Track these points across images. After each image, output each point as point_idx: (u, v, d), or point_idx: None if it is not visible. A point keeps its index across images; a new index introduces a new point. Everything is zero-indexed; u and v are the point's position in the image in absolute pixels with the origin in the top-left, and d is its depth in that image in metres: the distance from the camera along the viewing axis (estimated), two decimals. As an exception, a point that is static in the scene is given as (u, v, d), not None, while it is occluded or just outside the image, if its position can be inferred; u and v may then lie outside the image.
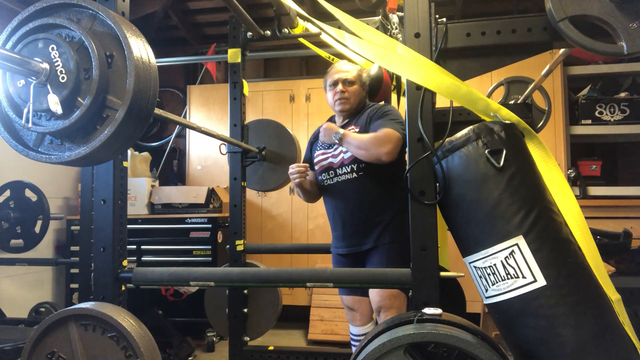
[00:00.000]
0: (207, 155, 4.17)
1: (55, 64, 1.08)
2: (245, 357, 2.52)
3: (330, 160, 2.09)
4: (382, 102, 2.11)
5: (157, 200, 3.68)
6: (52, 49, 1.08)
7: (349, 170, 2.04)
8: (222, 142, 2.50)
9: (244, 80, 2.55)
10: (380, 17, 2.09)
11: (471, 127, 1.38)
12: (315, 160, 2.16)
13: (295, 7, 2.16)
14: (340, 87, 2.06)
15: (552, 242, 1.26)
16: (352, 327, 2.12)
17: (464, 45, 1.46)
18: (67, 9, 1.13)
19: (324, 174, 2.10)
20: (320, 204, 2.22)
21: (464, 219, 1.36)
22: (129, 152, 3.77)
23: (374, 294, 1.95)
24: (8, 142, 1.15)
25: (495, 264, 1.29)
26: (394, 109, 2.04)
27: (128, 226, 1.60)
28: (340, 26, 1.85)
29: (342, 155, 2.05)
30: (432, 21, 1.43)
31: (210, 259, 3.45)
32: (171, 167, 4.51)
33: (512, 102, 2.47)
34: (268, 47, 4.31)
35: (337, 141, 1.94)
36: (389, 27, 2.03)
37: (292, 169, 2.04)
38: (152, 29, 4.22)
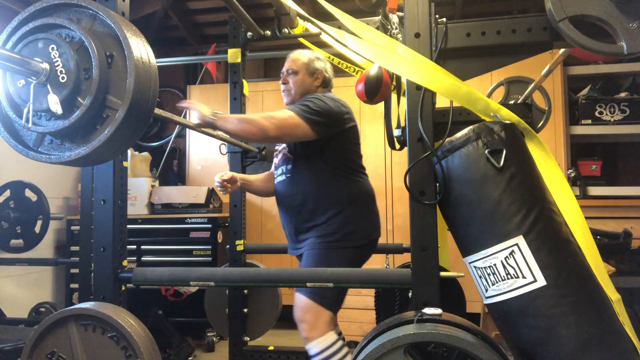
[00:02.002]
0: (207, 155, 4.17)
1: (55, 64, 1.08)
2: (245, 357, 2.52)
3: (276, 156, 2.02)
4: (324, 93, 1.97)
5: (157, 200, 3.68)
6: (52, 49, 1.08)
7: (281, 172, 1.96)
8: (222, 142, 2.50)
9: (244, 80, 2.55)
10: (380, 17, 2.09)
11: (471, 127, 1.38)
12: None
13: (295, 7, 2.15)
14: (282, 78, 1.98)
15: (552, 242, 1.26)
16: None
17: (464, 45, 1.46)
18: (67, 9, 1.13)
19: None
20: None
21: (464, 219, 1.36)
22: (129, 152, 3.77)
23: (294, 301, 1.82)
24: (8, 142, 1.15)
25: (495, 264, 1.29)
26: (321, 96, 1.86)
27: (128, 226, 1.60)
28: (340, 26, 1.85)
29: (280, 154, 1.98)
30: (432, 21, 1.43)
31: (210, 259, 3.45)
32: (171, 167, 4.51)
33: (512, 102, 2.47)
34: (268, 47, 4.30)
35: (211, 121, 1.65)
36: (389, 27, 2.03)
37: (216, 181, 1.94)
38: (152, 29, 4.21)
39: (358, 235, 1.83)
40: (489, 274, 1.31)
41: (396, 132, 1.78)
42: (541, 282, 1.22)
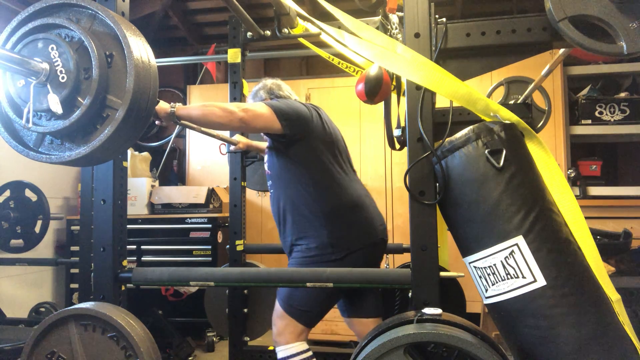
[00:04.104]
0: (207, 155, 4.17)
1: (55, 64, 1.08)
2: (245, 357, 2.52)
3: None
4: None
5: (157, 200, 3.68)
6: (52, 49, 1.08)
7: (269, 185, 2.00)
8: (222, 142, 2.50)
9: (244, 80, 2.55)
10: (380, 17, 2.09)
11: (471, 127, 1.38)
12: None
13: (295, 7, 2.15)
14: None
15: (552, 242, 1.26)
16: None
17: (464, 45, 1.46)
18: (67, 9, 1.13)
19: None
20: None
21: (463, 219, 1.36)
22: (129, 152, 3.77)
23: None
24: (8, 142, 1.15)
25: (495, 264, 1.29)
26: (282, 101, 1.92)
27: (128, 226, 1.60)
28: (340, 26, 1.85)
29: (266, 163, 2.02)
30: (432, 21, 1.43)
31: (210, 259, 3.45)
32: (171, 167, 4.51)
33: (512, 102, 2.47)
34: (268, 47, 4.30)
35: (172, 111, 1.64)
36: (389, 27, 2.03)
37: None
38: (152, 29, 4.21)
39: (337, 248, 1.80)
40: (488, 274, 1.31)
41: (396, 132, 1.78)
42: (541, 282, 1.22)
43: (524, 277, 1.24)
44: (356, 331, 2.02)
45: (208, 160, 4.17)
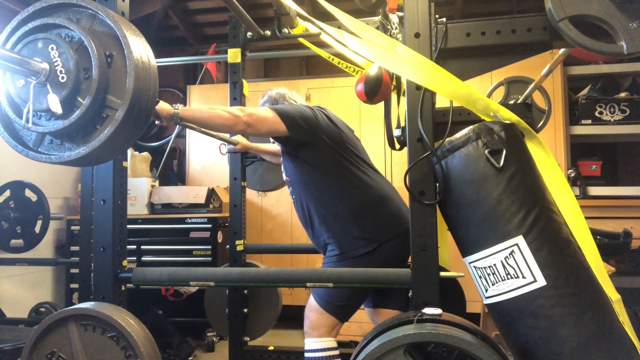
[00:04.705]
0: (207, 155, 4.17)
1: (55, 64, 1.08)
2: (245, 357, 2.52)
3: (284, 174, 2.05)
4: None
5: (157, 200, 3.68)
6: (52, 48, 1.08)
7: (290, 191, 2.02)
8: (222, 142, 2.50)
9: (244, 80, 2.55)
10: (380, 17, 2.09)
11: (471, 127, 1.37)
12: None
13: (295, 7, 2.15)
14: None
15: (552, 242, 1.26)
16: None
17: (464, 45, 1.46)
18: (67, 9, 1.13)
19: None
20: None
21: (463, 219, 1.36)
22: (129, 152, 3.77)
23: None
24: (8, 142, 1.15)
25: (495, 264, 1.29)
26: (287, 104, 1.98)
27: (128, 226, 1.60)
28: (340, 26, 1.85)
29: (283, 172, 2.03)
30: (432, 21, 1.43)
31: (210, 259, 3.45)
32: (171, 167, 4.51)
33: (512, 102, 2.47)
34: (268, 47, 4.31)
35: (175, 112, 1.64)
36: (389, 27, 2.03)
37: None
38: (152, 29, 4.22)
39: (369, 241, 1.81)
40: (488, 274, 1.31)
41: (396, 132, 1.78)
42: (541, 282, 1.22)
43: (524, 277, 1.24)
44: (378, 322, 2.02)
45: (208, 160, 4.18)
